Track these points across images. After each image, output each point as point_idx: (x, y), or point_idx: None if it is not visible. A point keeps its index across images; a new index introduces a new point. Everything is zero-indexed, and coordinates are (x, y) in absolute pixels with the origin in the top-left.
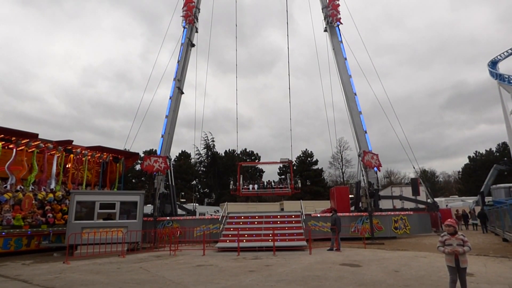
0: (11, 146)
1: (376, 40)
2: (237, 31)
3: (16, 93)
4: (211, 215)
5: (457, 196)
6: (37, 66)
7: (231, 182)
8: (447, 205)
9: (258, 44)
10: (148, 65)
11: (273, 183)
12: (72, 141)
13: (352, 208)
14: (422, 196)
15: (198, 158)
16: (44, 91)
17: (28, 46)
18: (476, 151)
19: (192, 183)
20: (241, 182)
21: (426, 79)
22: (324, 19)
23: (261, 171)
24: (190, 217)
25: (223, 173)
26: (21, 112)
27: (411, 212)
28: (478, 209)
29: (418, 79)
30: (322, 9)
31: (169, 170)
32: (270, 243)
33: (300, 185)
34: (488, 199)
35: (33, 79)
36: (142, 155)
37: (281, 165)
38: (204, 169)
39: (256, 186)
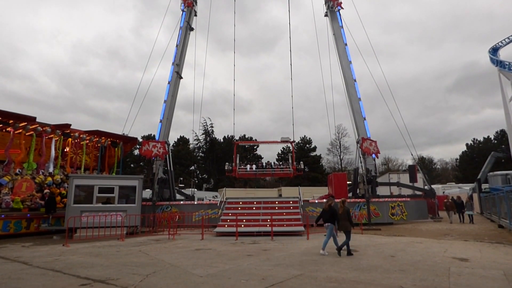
0: (8, 129)
1: (386, 15)
2: (238, 4)
3: (4, 71)
4: (210, 200)
5: (454, 183)
6: (25, 42)
7: (227, 163)
8: (443, 192)
9: (260, 19)
10: (141, 41)
11: (273, 164)
12: (70, 125)
13: (350, 195)
14: (420, 183)
15: (197, 144)
16: (34, 69)
17: (14, 20)
18: (474, 138)
19: (191, 168)
20: (237, 161)
21: (435, 59)
22: (325, 3)
23: (260, 157)
24: (189, 202)
25: (222, 159)
26: (11, 92)
27: (408, 199)
28: (475, 196)
29: (427, 59)
30: None
31: (167, 155)
32: (268, 228)
33: (303, 166)
34: (485, 186)
35: (21, 56)
36: (140, 139)
37: (280, 151)
38: (203, 154)
39: (254, 166)
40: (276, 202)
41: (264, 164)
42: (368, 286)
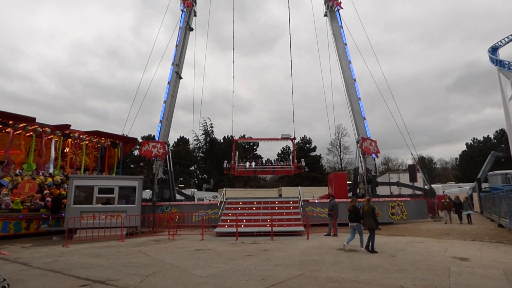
0: (8, 129)
1: (387, 14)
2: (237, 3)
3: (3, 71)
4: (210, 200)
5: (454, 182)
6: (23, 42)
7: (225, 161)
8: (443, 192)
9: (260, 18)
10: (140, 41)
11: (273, 162)
12: (70, 125)
13: (350, 194)
14: (420, 183)
15: (197, 144)
16: (33, 69)
17: (13, 20)
18: (474, 138)
19: (191, 168)
20: (236, 159)
21: (436, 58)
22: (325, 3)
23: (260, 157)
24: (189, 202)
25: (222, 159)
26: (10, 92)
27: (408, 198)
28: (475, 196)
29: (427, 58)
30: None
31: (167, 155)
32: (268, 228)
33: (304, 164)
34: (485, 185)
35: (20, 56)
36: (140, 140)
37: (280, 151)
38: (203, 154)
39: (253, 163)
40: (276, 202)
41: (264, 162)
42: (369, 286)
